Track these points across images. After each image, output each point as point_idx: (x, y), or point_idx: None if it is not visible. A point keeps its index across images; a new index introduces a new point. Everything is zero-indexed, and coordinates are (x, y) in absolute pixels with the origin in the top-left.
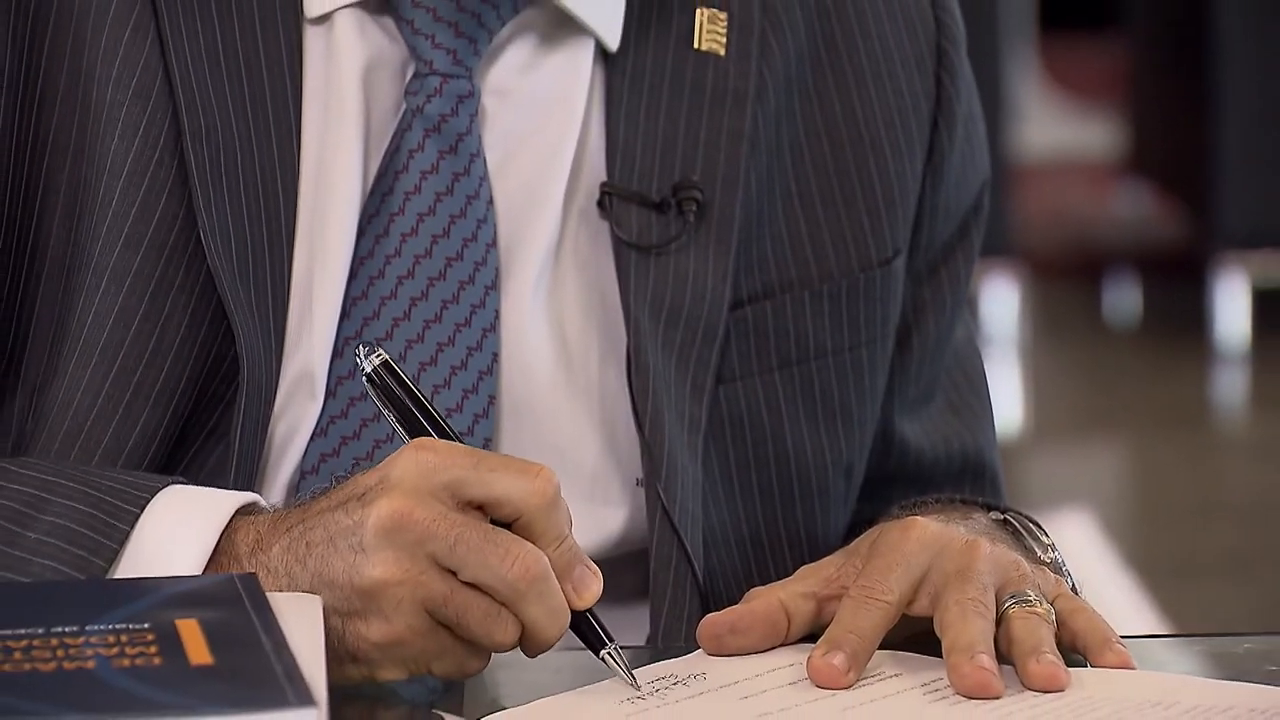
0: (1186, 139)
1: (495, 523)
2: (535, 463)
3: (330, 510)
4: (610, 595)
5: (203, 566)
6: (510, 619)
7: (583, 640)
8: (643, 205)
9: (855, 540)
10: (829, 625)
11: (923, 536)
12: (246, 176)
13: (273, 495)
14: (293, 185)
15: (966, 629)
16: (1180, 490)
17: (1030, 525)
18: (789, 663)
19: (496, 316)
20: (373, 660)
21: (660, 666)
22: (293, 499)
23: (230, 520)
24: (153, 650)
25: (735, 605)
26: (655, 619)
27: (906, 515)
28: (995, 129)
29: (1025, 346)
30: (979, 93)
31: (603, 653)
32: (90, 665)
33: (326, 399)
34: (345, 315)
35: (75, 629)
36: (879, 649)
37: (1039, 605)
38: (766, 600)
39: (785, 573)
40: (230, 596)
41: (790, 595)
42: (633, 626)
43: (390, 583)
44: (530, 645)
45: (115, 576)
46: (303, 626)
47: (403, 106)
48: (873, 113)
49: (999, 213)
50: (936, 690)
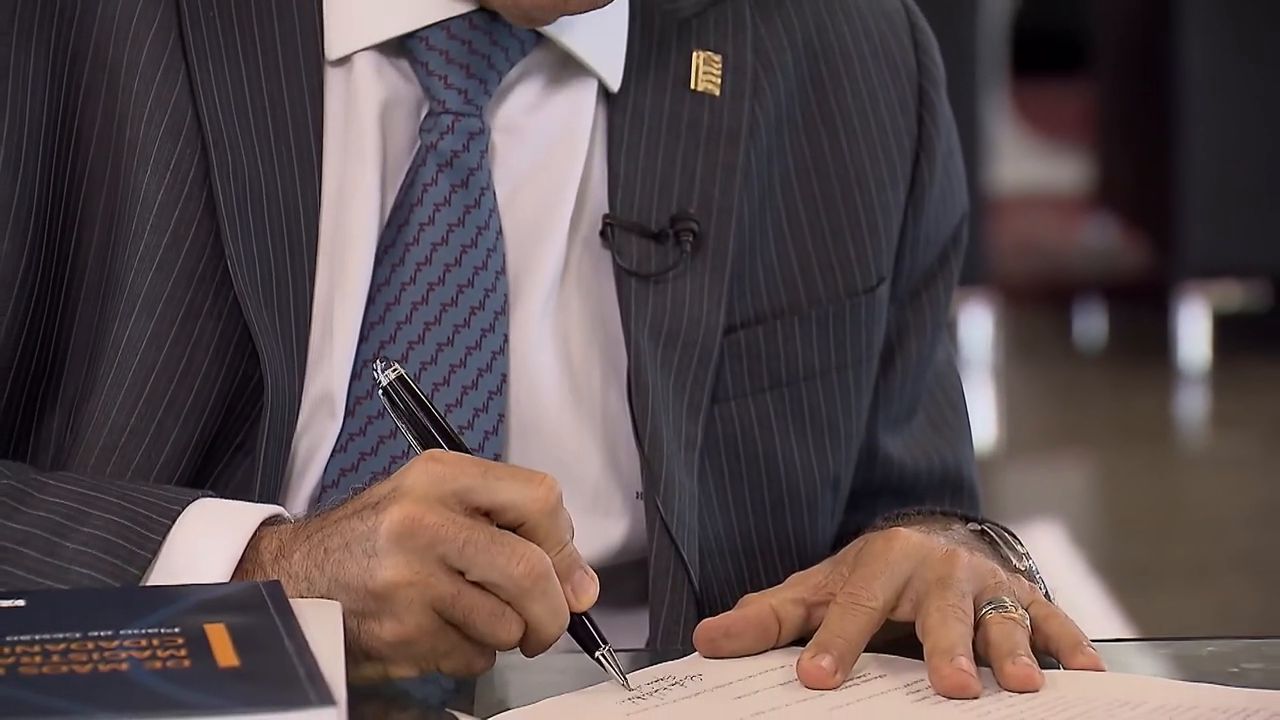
0: (1150, 175)
1: (501, 528)
2: (539, 472)
3: (347, 518)
4: (612, 601)
5: (230, 574)
6: (514, 617)
7: (579, 642)
8: (642, 235)
9: (842, 549)
10: (818, 629)
11: (905, 546)
12: (271, 208)
13: (296, 507)
14: (314, 216)
15: (946, 633)
16: (1145, 503)
17: (1006, 535)
18: (780, 665)
19: (505, 339)
20: (386, 658)
21: (659, 668)
22: (314, 510)
23: (255, 531)
24: (182, 653)
25: (729, 611)
26: (654, 624)
27: (890, 526)
28: (972, 166)
29: (1000, 368)
30: (957, 132)
31: (597, 654)
32: (124, 667)
33: (346, 418)
34: (363, 339)
35: (110, 633)
36: (864, 652)
37: (1014, 611)
38: (759, 606)
39: (776, 580)
40: (255, 602)
41: (781, 601)
42: (633, 631)
43: (401, 584)
44: (531, 644)
45: (148, 584)
46: (323, 631)
47: (417, 143)
48: (859, 149)
49: (975, 244)
50: (918, 691)
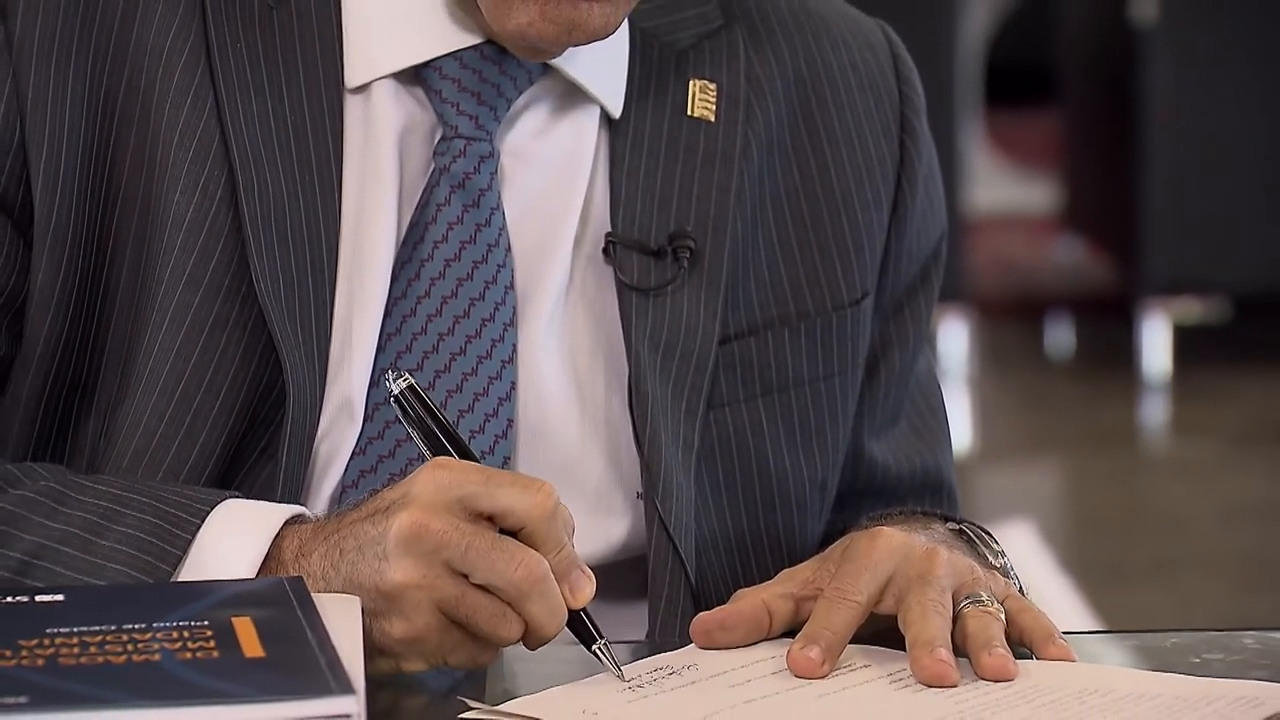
0: (1115, 198)
1: (503, 532)
2: (538, 479)
3: (360, 521)
4: (613, 596)
5: (255, 571)
6: (514, 617)
7: (577, 636)
8: (642, 252)
9: (829, 547)
10: (806, 622)
11: (889, 544)
12: (294, 226)
13: (318, 507)
14: (335, 234)
15: (927, 626)
16: (1111, 504)
17: (983, 534)
18: (771, 655)
19: (515, 349)
20: (397, 654)
21: (657, 659)
22: (334, 510)
23: (279, 531)
24: (211, 645)
25: (724, 605)
26: (653, 617)
27: (874, 525)
28: (949, 188)
29: (975, 378)
30: (936, 156)
31: (594, 647)
32: (156, 658)
33: (365, 422)
34: (381, 349)
35: (143, 626)
36: (850, 643)
37: (991, 605)
38: (751, 600)
39: (767, 576)
40: (279, 597)
41: (772, 596)
42: (633, 623)
43: (409, 586)
44: (531, 640)
45: (178, 580)
46: (343, 624)
47: (431, 166)
48: (844, 171)
49: (952, 261)
50: (901, 680)
